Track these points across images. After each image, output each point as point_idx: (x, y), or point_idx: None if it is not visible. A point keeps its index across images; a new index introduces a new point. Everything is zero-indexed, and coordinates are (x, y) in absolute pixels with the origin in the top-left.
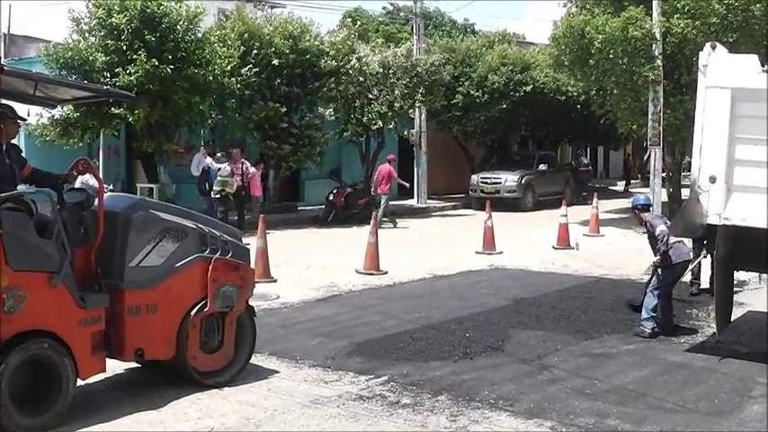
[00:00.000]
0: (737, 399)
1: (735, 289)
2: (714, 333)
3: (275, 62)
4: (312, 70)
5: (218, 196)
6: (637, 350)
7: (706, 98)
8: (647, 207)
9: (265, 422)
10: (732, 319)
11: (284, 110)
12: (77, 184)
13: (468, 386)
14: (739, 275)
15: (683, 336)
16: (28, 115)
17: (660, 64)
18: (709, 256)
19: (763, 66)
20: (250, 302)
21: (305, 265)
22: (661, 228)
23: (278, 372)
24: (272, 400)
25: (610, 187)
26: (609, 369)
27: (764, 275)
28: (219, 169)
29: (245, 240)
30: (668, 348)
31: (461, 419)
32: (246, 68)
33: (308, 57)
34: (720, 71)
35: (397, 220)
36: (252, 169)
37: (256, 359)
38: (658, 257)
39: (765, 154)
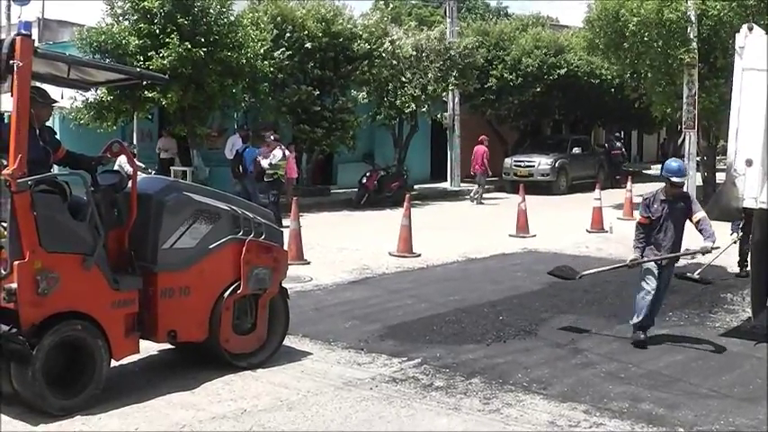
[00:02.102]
0: None
1: None
2: (749, 318)
3: (308, 45)
4: (345, 53)
5: (271, 179)
6: (671, 335)
7: (743, 81)
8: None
9: (298, 404)
10: None
11: (317, 93)
12: (116, 167)
13: (501, 369)
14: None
15: (718, 320)
16: (61, 98)
17: (695, 47)
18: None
19: None
20: (283, 284)
21: (338, 247)
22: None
23: (311, 354)
24: (304, 382)
25: (644, 171)
26: (642, 354)
27: None
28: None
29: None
30: (703, 333)
31: (494, 402)
32: (279, 52)
33: (340, 40)
34: (758, 53)
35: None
36: (286, 152)
37: (289, 341)
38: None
39: None
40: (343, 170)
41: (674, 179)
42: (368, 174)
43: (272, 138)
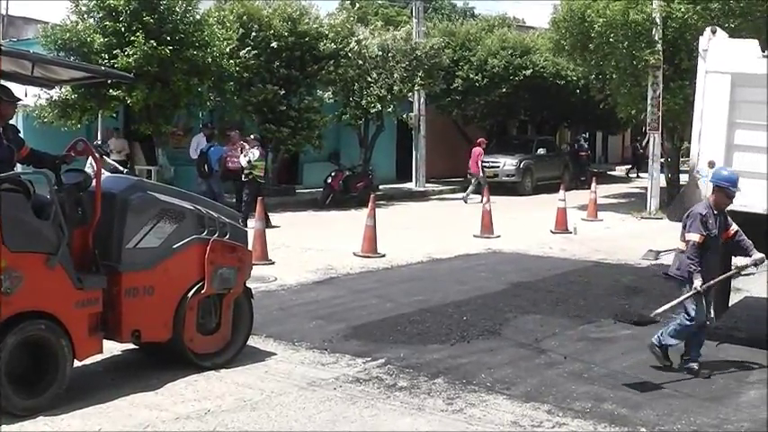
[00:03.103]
0: (734, 384)
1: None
2: (712, 319)
3: (274, 44)
4: (311, 53)
5: (248, 178)
6: (634, 335)
7: (706, 83)
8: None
9: (262, 404)
10: (730, 305)
11: (283, 92)
12: (86, 167)
13: (465, 369)
14: (737, 261)
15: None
16: (25, 96)
17: (660, 49)
18: None
19: (763, 51)
20: (248, 284)
21: (303, 247)
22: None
23: (275, 354)
24: (268, 383)
25: (609, 172)
26: (606, 353)
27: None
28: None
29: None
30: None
31: (458, 402)
32: (245, 51)
33: (307, 39)
34: (720, 56)
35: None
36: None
37: (253, 341)
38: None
39: (764, 139)
40: (309, 170)
41: (733, 189)
42: (333, 174)
43: (251, 136)
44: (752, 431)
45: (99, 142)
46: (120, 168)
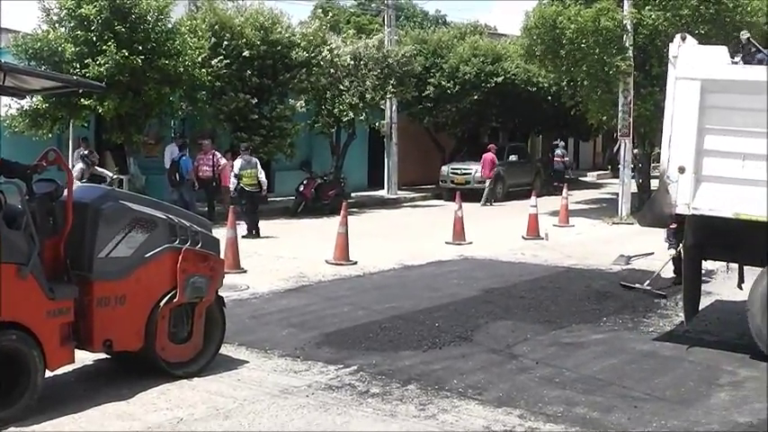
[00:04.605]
0: (705, 387)
1: (703, 278)
2: (682, 322)
3: (246, 53)
4: (283, 61)
5: (240, 190)
6: (605, 339)
7: (676, 89)
8: None
9: (234, 412)
10: (700, 309)
11: (255, 101)
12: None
13: (437, 375)
14: (707, 265)
15: (652, 325)
16: None
17: (631, 55)
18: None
19: (732, 57)
20: (219, 293)
21: (275, 255)
22: None
23: (247, 362)
24: (241, 391)
25: (580, 178)
26: (578, 358)
27: (732, 265)
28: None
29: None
30: (636, 338)
31: (430, 408)
32: (217, 60)
33: (279, 48)
34: (690, 62)
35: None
36: (223, 160)
37: (226, 350)
38: None
39: (733, 144)
40: (281, 178)
41: None
42: (305, 182)
43: (241, 148)
44: None
45: (85, 152)
46: (109, 174)
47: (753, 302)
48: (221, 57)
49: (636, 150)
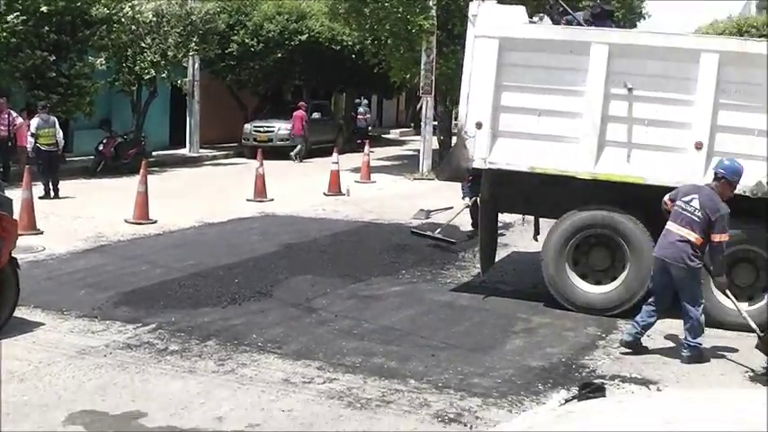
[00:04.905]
0: (500, 334)
1: (500, 231)
2: (479, 273)
3: (43, 9)
4: (83, 18)
5: (38, 150)
6: (403, 291)
7: (474, 47)
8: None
9: (30, 375)
10: (497, 260)
11: (53, 58)
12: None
13: (236, 331)
14: (505, 217)
15: (450, 276)
16: None
17: (434, 14)
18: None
19: (531, 17)
20: (14, 255)
21: (73, 216)
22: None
23: (43, 324)
24: (36, 353)
25: (383, 135)
26: (376, 310)
27: (528, 217)
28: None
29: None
30: (434, 289)
31: (229, 363)
32: (13, 15)
33: (78, 4)
34: (489, 21)
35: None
36: (19, 119)
37: (21, 312)
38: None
39: (529, 101)
40: (80, 137)
41: (738, 180)
42: (105, 141)
43: (38, 106)
44: (516, 377)
45: None
46: None
47: (546, 252)
48: (17, 13)
49: (438, 108)
